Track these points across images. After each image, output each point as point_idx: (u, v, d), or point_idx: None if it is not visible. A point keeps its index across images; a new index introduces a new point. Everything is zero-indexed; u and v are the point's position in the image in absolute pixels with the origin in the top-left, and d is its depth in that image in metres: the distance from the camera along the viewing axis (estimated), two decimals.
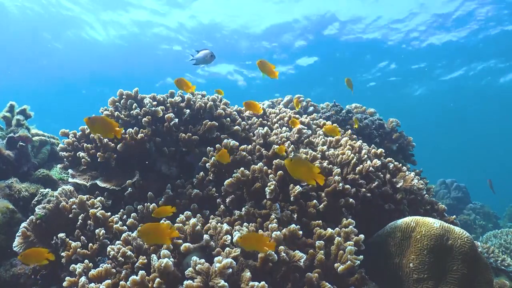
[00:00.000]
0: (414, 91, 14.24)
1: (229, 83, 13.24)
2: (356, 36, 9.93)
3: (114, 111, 2.09)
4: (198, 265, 1.16)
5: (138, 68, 12.41)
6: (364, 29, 9.56)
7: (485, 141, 22.63)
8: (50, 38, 10.91)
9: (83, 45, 11.02)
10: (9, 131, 2.24)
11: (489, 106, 15.25)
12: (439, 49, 10.32)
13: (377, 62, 11.72)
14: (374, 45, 10.30)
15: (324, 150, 1.86)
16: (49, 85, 14.14)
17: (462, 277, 1.40)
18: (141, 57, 11.57)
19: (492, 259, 2.45)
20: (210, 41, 10.50)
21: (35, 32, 10.45)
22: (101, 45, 11.03)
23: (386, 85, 13.25)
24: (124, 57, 11.64)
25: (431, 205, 2.07)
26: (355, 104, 3.25)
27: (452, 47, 10.15)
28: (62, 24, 9.85)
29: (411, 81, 13.23)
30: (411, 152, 2.93)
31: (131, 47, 11.06)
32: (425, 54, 10.71)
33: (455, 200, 6.73)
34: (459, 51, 10.38)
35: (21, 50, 11.67)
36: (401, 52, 10.68)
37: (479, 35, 9.46)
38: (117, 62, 11.98)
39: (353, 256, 1.32)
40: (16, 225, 1.71)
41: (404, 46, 10.37)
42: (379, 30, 9.57)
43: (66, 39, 10.81)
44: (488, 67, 11.55)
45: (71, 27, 10.08)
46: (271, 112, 2.50)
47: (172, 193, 1.82)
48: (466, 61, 11.27)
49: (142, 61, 11.89)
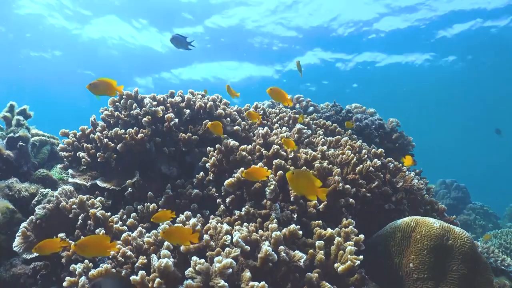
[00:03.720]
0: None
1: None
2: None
3: (114, 111, 2.09)
4: (198, 265, 1.16)
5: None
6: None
7: (485, 141, 22.63)
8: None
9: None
10: (9, 131, 2.24)
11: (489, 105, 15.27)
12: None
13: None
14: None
15: (324, 150, 1.86)
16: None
17: (462, 277, 1.40)
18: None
19: (492, 259, 2.45)
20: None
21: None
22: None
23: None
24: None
25: (431, 205, 2.07)
26: (355, 104, 3.25)
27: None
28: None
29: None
30: (411, 152, 2.93)
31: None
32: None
33: (455, 200, 6.73)
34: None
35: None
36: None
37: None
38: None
39: (353, 256, 1.32)
40: (16, 225, 1.71)
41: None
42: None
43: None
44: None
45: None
46: (271, 112, 2.50)
47: (172, 193, 1.82)
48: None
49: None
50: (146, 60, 11.82)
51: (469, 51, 11.11)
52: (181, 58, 11.63)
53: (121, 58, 11.84)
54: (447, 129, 20.70)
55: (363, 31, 10.05)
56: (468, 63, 12.07)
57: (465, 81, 13.16)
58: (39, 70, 12.70)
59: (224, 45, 10.86)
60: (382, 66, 12.25)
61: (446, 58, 11.80)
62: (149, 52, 11.43)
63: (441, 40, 10.41)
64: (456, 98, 15.02)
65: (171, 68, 12.74)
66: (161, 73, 13.25)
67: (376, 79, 13.05)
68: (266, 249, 1.24)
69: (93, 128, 2.07)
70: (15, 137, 2.13)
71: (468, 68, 12.29)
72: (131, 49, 11.32)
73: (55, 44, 11.09)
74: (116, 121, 2.07)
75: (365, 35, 10.27)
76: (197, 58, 11.87)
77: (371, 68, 12.50)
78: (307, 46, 11.04)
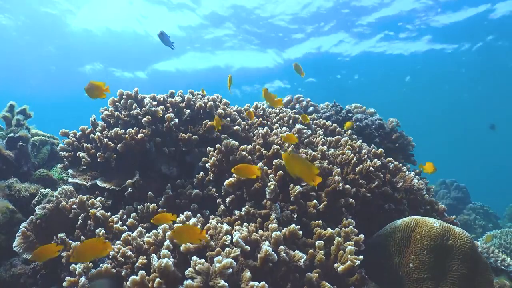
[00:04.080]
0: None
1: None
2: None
3: (114, 111, 2.09)
4: (198, 265, 1.16)
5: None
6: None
7: (485, 141, 22.62)
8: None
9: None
10: (9, 131, 2.24)
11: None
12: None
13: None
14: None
15: (324, 150, 1.86)
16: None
17: (462, 277, 1.40)
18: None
19: (492, 259, 2.45)
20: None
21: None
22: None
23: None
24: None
25: (431, 205, 2.07)
26: (355, 104, 3.25)
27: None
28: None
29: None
30: (411, 152, 2.93)
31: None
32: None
33: (455, 200, 6.73)
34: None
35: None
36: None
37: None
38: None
39: (353, 256, 1.32)
40: (16, 225, 1.71)
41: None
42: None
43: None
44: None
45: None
46: (271, 112, 2.50)
47: (172, 193, 1.82)
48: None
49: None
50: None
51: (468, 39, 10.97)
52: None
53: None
54: (447, 129, 20.69)
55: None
56: (467, 62, 12.04)
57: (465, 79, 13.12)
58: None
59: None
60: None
61: (444, 46, 11.62)
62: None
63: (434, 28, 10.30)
64: (456, 96, 15.02)
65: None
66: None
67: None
68: (266, 249, 1.24)
69: (93, 128, 2.07)
70: (15, 137, 2.13)
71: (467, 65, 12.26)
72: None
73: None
74: (116, 121, 2.07)
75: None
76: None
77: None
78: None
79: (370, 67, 12.86)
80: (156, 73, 13.67)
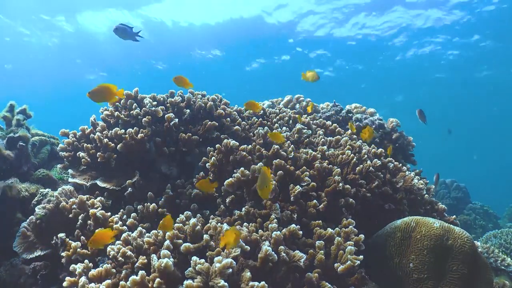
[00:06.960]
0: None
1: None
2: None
3: (114, 111, 2.09)
4: (198, 265, 1.16)
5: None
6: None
7: (485, 141, 22.63)
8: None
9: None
10: (9, 131, 2.24)
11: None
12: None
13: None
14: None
15: (324, 150, 1.86)
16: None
17: (462, 277, 1.40)
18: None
19: (492, 259, 2.45)
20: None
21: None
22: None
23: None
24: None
25: (431, 205, 2.07)
26: (355, 104, 3.24)
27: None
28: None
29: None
30: (411, 152, 2.93)
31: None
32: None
33: (455, 200, 6.73)
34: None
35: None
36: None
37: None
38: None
39: (353, 256, 1.32)
40: (16, 225, 1.71)
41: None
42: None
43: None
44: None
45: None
46: (271, 112, 2.50)
47: (172, 193, 1.82)
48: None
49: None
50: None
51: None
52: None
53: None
54: (447, 129, 20.69)
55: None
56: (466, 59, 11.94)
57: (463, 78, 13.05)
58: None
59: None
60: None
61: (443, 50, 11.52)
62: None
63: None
64: (456, 96, 14.99)
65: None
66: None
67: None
68: (266, 249, 1.24)
69: (93, 128, 2.07)
70: (15, 137, 2.13)
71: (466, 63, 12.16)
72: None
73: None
74: (116, 121, 2.07)
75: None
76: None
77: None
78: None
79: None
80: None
